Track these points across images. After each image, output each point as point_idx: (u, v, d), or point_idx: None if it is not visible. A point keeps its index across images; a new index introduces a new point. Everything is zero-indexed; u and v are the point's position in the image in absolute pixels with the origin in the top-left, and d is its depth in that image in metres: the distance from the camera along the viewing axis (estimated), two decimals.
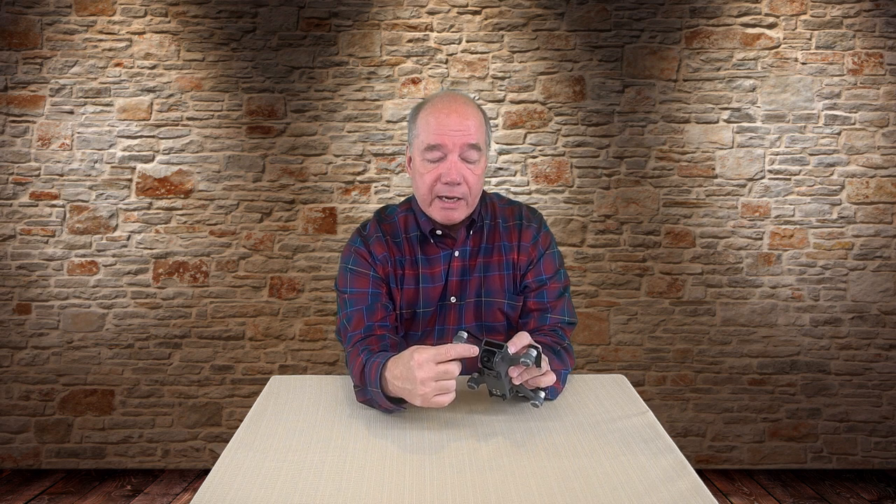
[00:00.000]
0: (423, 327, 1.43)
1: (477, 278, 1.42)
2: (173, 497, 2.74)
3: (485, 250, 1.44)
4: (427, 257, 1.43)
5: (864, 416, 3.01)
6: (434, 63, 2.99)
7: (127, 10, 2.96)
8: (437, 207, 1.37)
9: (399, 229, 1.45)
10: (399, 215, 1.47)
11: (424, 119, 1.36)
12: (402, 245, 1.43)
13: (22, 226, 2.96)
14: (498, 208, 1.49)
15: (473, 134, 1.33)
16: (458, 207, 1.36)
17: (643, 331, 3.03)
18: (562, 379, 1.32)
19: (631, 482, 0.96)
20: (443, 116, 1.33)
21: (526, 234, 1.45)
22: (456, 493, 0.92)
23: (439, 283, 1.42)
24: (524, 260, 1.44)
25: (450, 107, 1.34)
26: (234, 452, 1.06)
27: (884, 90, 2.97)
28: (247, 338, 3.01)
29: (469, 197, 1.36)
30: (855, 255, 3.00)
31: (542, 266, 1.44)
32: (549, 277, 1.44)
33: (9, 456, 2.98)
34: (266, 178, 3.00)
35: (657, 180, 3.01)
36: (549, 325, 1.42)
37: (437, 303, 1.42)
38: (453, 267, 1.42)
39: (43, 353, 2.98)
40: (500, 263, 1.44)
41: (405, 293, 1.42)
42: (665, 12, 3.00)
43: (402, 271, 1.42)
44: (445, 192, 1.34)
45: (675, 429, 3.02)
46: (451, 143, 1.32)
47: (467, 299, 1.42)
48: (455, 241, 1.43)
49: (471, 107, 1.37)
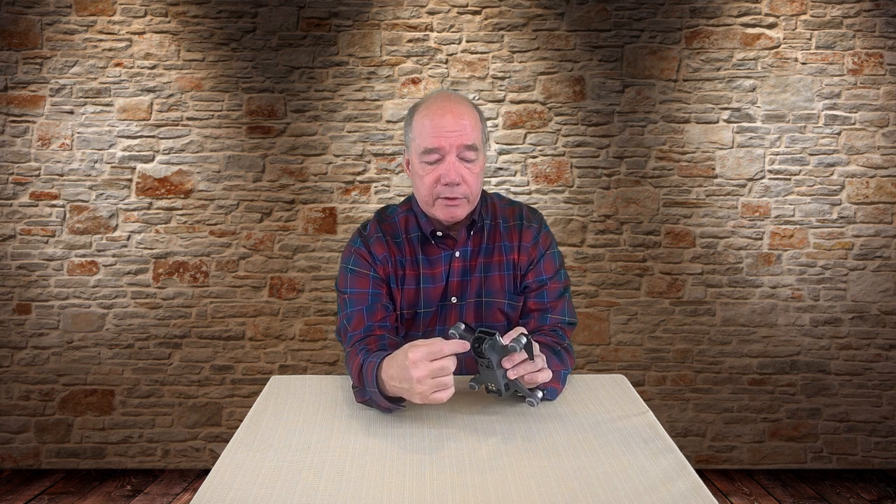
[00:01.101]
0: (425, 328, 1.43)
1: (477, 278, 1.43)
2: (173, 497, 2.74)
3: (485, 250, 1.44)
4: (428, 258, 1.43)
5: (864, 416, 3.01)
6: (434, 63, 2.99)
7: (127, 10, 2.96)
8: (439, 207, 1.37)
9: (399, 230, 1.45)
10: (399, 216, 1.47)
11: (420, 122, 1.36)
12: (403, 245, 1.43)
13: (22, 226, 2.96)
14: (499, 208, 1.49)
15: (469, 134, 1.33)
16: (460, 205, 1.36)
17: (643, 331, 3.03)
18: (561, 379, 1.31)
19: (631, 482, 0.96)
20: (437, 118, 1.33)
21: (526, 235, 1.45)
22: (456, 493, 0.92)
23: (440, 284, 1.42)
24: (525, 260, 1.43)
25: (444, 108, 1.34)
26: (234, 452, 1.06)
27: (884, 90, 2.97)
28: (247, 338, 3.02)
29: (470, 195, 1.37)
30: (855, 255, 3.00)
31: (543, 266, 1.44)
32: (549, 278, 1.44)
33: (9, 456, 2.98)
34: (266, 178, 3.00)
35: (657, 180, 3.01)
36: (550, 326, 1.42)
37: (437, 303, 1.42)
38: (454, 267, 1.42)
39: (43, 353, 2.98)
40: (500, 264, 1.44)
41: (406, 293, 1.42)
42: (665, 12, 3.00)
43: (403, 271, 1.42)
44: (446, 193, 1.34)
45: (675, 429, 3.02)
46: (447, 145, 1.32)
47: (468, 299, 1.43)
48: (456, 242, 1.43)
49: (465, 106, 1.36)
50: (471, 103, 1.40)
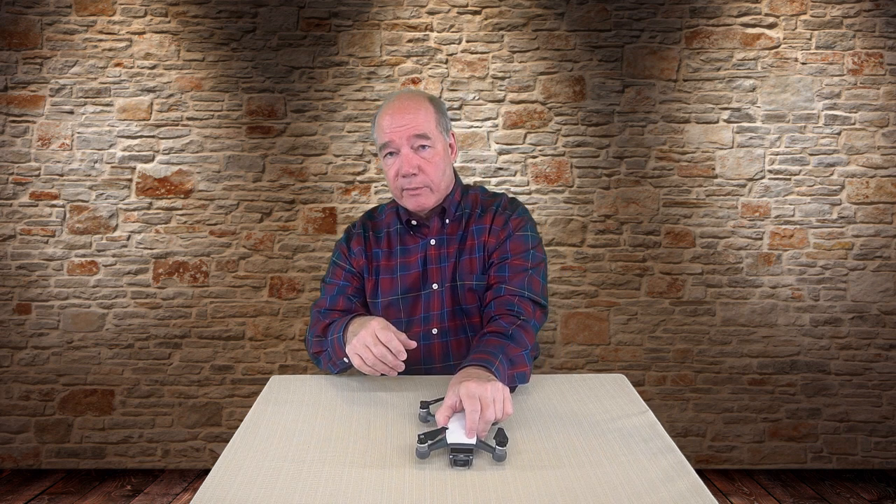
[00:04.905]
0: (408, 315, 1.51)
1: (452, 264, 1.50)
2: (173, 497, 2.74)
3: (460, 237, 1.51)
4: (405, 247, 1.53)
5: (864, 416, 3.01)
6: (434, 63, 2.99)
7: (127, 10, 2.96)
8: (406, 198, 1.46)
9: (383, 224, 1.58)
10: (387, 212, 1.59)
11: (378, 122, 1.46)
12: (383, 238, 1.55)
13: (22, 226, 2.96)
14: (480, 200, 1.56)
15: (420, 125, 1.42)
16: (422, 193, 1.45)
17: (643, 331, 3.03)
18: (527, 360, 1.32)
19: (631, 482, 0.96)
20: (388, 117, 1.44)
21: (498, 219, 1.50)
22: (456, 493, 0.92)
23: (415, 270, 1.51)
24: (493, 242, 1.48)
25: (395, 105, 1.44)
26: (234, 452, 1.06)
27: (884, 90, 2.97)
28: (247, 338, 3.02)
29: (431, 184, 1.45)
30: (855, 255, 3.00)
31: (509, 245, 1.47)
32: (513, 255, 1.45)
33: (9, 456, 2.98)
34: (266, 178, 3.00)
35: (657, 180, 3.01)
36: (505, 298, 1.40)
37: (418, 290, 1.51)
38: (430, 255, 1.51)
39: (43, 353, 2.98)
40: (472, 247, 1.50)
41: (382, 282, 1.52)
42: (665, 12, 3.00)
43: (379, 262, 1.53)
44: (405, 185, 1.44)
45: (675, 429, 3.02)
46: (398, 139, 1.42)
47: (445, 284, 1.50)
48: (430, 230, 1.52)
49: (417, 100, 1.45)
50: (425, 96, 1.48)
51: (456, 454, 1.00)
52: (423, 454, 1.01)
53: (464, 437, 1.01)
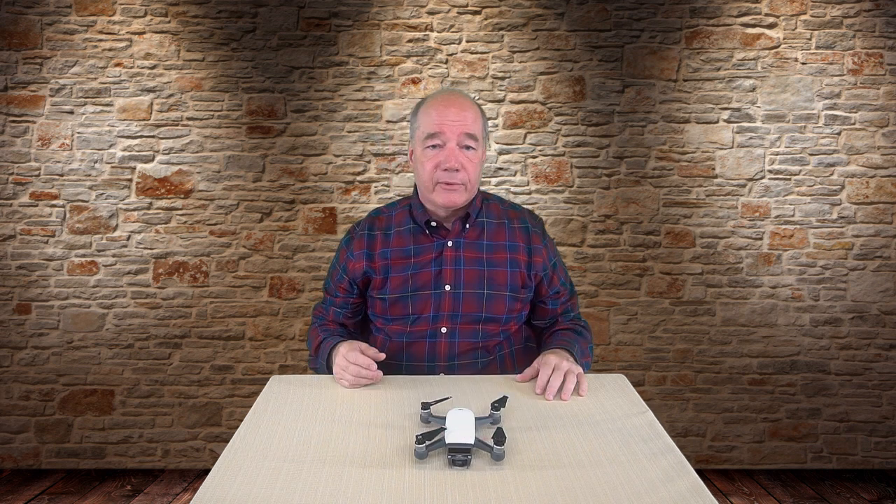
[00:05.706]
0: (416, 311, 1.51)
1: (479, 271, 1.52)
2: (173, 497, 2.74)
3: (488, 247, 1.53)
4: (419, 246, 1.53)
5: (864, 416, 3.01)
6: (434, 63, 2.99)
7: (127, 10, 2.96)
8: (439, 192, 1.46)
9: (392, 223, 1.57)
10: (396, 210, 1.59)
11: (425, 111, 1.47)
12: (393, 236, 1.54)
13: (22, 226, 2.96)
14: (501, 210, 1.59)
15: (471, 124, 1.45)
16: (458, 190, 1.45)
17: (643, 331, 3.03)
18: (590, 352, 1.58)
19: (631, 482, 0.96)
20: (442, 108, 1.45)
21: (535, 239, 1.56)
22: (455, 493, 0.92)
23: (427, 270, 1.51)
24: (539, 263, 1.55)
25: (448, 100, 1.46)
26: (234, 452, 1.06)
27: (884, 90, 2.97)
28: (247, 338, 3.02)
29: (468, 183, 1.46)
30: (855, 255, 3.00)
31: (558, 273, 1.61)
32: (561, 283, 1.62)
33: (9, 456, 2.98)
34: (266, 178, 3.00)
35: (657, 180, 3.01)
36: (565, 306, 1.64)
37: (429, 289, 1.51)
38: (446, 256, 1.52)
39: (43, 353, 2.98)
40: (505, 261, 1.53)
41: (392, 280, 1.52)
42: (665, 12, 3.00)
43: (388, 261, 1.53)
44: (445, 179, 1.44)
45: (675, 429, 3.02)
46: (449, 132, 1.43)
47: (465, 290, 1.50)
48: (449, 232, 1.53)
49: (469, 101, 1.49)
50: (474, 101, 1.52)
51: (454, 454, 1.00)
52: (421, 455, 1.02)
53: (462, 437, 1.02)
